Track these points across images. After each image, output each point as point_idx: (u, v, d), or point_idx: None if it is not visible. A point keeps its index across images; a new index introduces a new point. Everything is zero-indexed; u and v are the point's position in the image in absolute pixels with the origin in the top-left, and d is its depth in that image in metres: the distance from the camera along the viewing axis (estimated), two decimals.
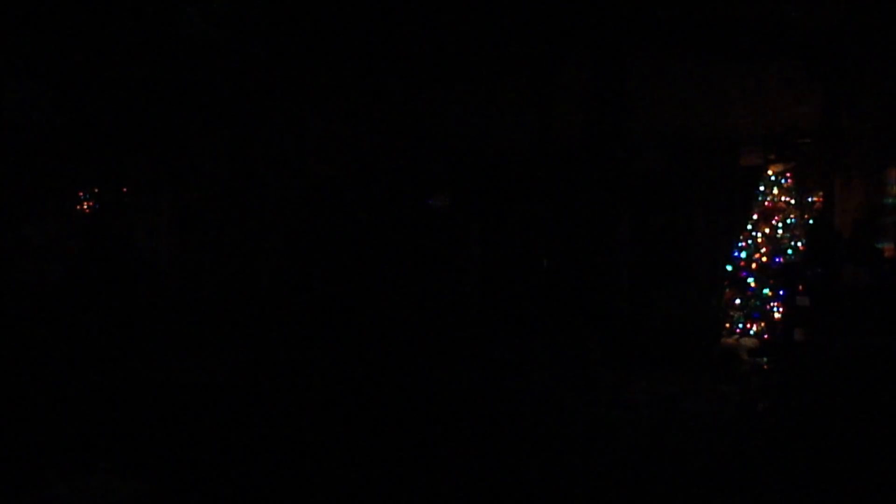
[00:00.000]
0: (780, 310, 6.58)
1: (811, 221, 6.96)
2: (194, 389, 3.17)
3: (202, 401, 3.12)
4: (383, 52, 7.87)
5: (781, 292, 6.58)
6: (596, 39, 7.85)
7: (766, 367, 6.37)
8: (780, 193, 7.04)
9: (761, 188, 7.12)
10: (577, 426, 5.42)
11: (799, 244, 6.80)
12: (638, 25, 7.33)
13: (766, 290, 6.72)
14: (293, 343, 6.09)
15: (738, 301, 6.91)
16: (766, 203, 7.05)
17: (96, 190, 5.69)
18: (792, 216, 6.96)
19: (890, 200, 5.90)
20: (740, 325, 6.85)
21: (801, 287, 6.37)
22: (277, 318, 6.46)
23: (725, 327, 6.96)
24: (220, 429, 2.94)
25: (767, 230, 6.95)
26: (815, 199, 7.23)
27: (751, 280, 6.83)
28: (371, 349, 6.17)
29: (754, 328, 6.74)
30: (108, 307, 5.16)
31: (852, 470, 4.20)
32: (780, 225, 6.94)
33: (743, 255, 6.99)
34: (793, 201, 7.03)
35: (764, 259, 6.83)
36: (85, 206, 5.61)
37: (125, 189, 5.87)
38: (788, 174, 7.08)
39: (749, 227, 7.09)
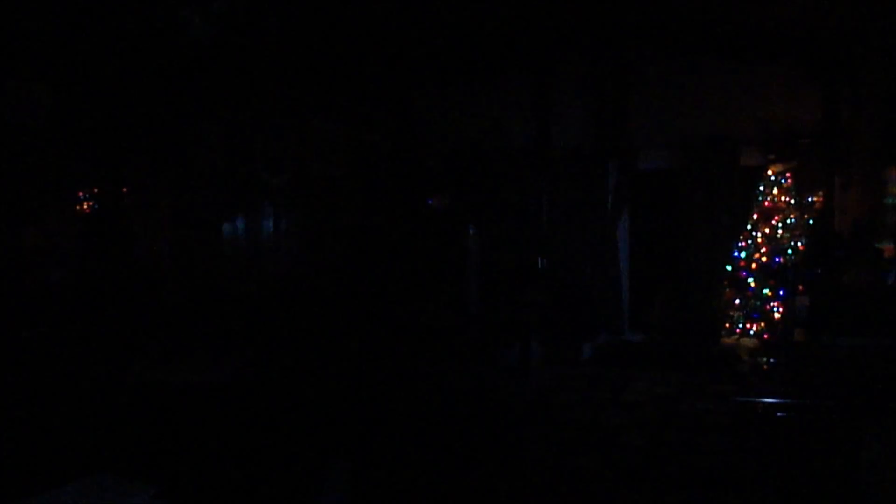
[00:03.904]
0: (780, 310, 6.58)
1: (811, 221, 6.95)
2: (197, 390, 3.18)
3: (205, 402, 3.13)
4: (383, 52, 7.86)
5: (781, 292, 6.58)
6: (596, 40, 7.86)
7: (766, 367, 6.36)
8: (780, 193, 7.04)
9: (761, 188, 7.12)
10: (577, 426, 5.43)
11: (799, 244, 6.79)
12: (638, 26, 7.33)
13: (766, 290, 6.72)
14: (293, 344, 6.09)
15: (738, 301, 6.91)
16: (766, 203, 7.04)
17: (96, 190, 5.67)
18: (792, 216, 6.95)
19: (890, 200, 5.90)
20: (740, 325, 6.84)
21: (801, 287, 6.37)
22: (277, 318, 6.46)
23: (725, 327, 6.96)
24: (225, 430, 2.94)
25: (767, 230, 6.94)
26: (815, 199, 7.22)
27: (751, 280, 6.83)
28: (371, 349, 6.17)
29: (754, 328, 6.74)
30: (109, 308, 5.16)
31: (852, 470, 4.20)
32: (780, 225, 6.93)
33: (743, 255, 6.99)
34: (793, 201, 7.03)
35: (764, 259, 6.83)
36: (85, 206, 5.59)
37: (125, 189, 5.85)
38: (788, 174, 7.07)
39: (749, 227, 7.08)
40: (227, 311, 6.19)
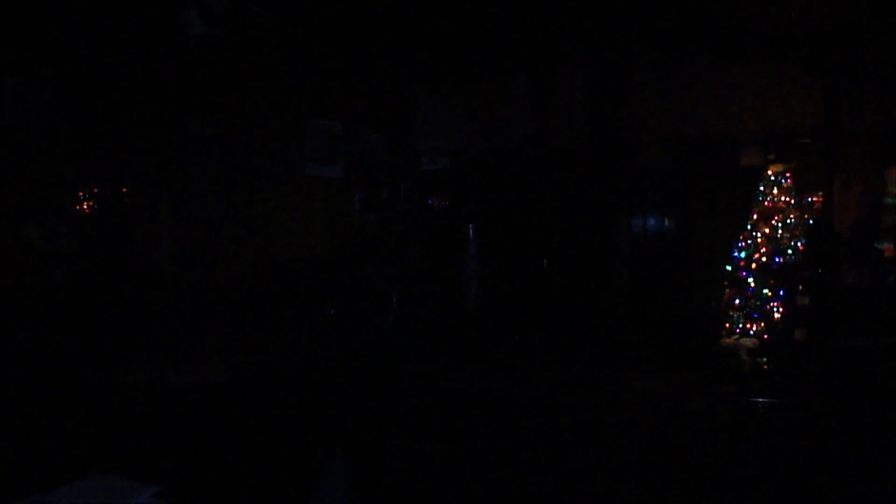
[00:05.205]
0: (780, 310, 6.58)
1: (811, 221, 6.95)
2: (197, 390, 3.18)
3: (205, 402, 3.13)
4: (382, 52, 7.87)
5: (781, 292, 6.58)
6: (596, 40, 7.86)
7: (766, 367, 6.36)
8: (780, 193, 7.03)
9: (761, 188, 7.11)
10: (577, 425, 5.42)
11: (799, 244, 6.79)
12: (638, 26, 7.33)
13: (766, 290, 6.72)
14: (293, 343, 6.09)
15: (738, 301, 6.91)
16: (766, 203, 7.04)
17: (96, 190, 5.67)
18: (792, 216, 6.95)
19: (890, 200, 5.90)
20: (740, 325, 6.84)
21: (801, 287, 6.37)
22: (277, 318, 6.47)
23: (725, 327, 6.96)
24: (224, 430, 2.94)
25: (767, 230, 6.94)
26: (815, 199, 7.21)
27: (751, 280, 6.83)
28: (371, 350, 6.18)
29: (754, 328, 6.74)
30: (109, 308, 5.16)
31: (852, 470, 4.20)
32: (780, 225, 6.93)
33: (743, 255, 6.98)
34: (793, 201, 7.02)
35: (764, 259, 6.82)
36: (85, 206, 5.59)
37: (125, 189, 5.86)
38: (788, 174, 7.06)
39: (749, 227, 7.08)
40: (226, 311, 6.19)
